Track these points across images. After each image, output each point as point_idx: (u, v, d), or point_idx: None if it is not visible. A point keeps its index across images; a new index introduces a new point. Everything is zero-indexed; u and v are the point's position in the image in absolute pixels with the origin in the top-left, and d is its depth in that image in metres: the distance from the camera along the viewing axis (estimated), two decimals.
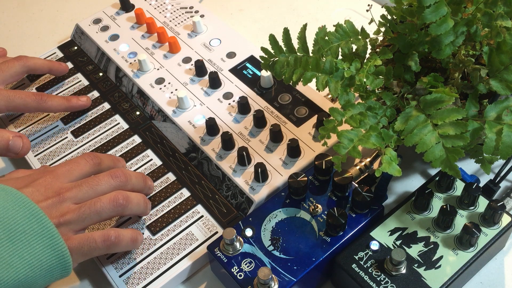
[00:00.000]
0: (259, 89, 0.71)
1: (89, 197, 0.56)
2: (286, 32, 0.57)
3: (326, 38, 0.55)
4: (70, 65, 0.80)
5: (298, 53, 0.56)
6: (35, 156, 0.70)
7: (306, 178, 0.58)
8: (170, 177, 0.66)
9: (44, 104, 0.70)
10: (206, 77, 0.74)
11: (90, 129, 0.72)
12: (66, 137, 0.72)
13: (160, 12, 0.84)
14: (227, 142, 0.65)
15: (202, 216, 0.62)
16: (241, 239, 0.56)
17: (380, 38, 0.59)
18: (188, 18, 0.83)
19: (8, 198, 0.51)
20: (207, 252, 0.57)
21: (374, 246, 0.54)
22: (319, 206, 0.58)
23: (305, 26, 0.57)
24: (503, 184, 0.63)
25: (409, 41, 0.54)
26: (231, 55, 0.76)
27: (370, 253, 0.54)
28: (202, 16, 0.82)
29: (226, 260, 0.55)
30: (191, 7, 0.84)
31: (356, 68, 0.54)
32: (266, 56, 0.57)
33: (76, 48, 0.83)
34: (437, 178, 0.59)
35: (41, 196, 0.54)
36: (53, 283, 0.61)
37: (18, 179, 0.56)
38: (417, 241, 0.55)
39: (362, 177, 0.62)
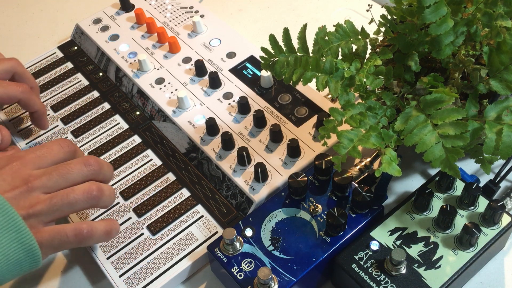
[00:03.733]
0: (259, 89, 0.71)
1: (59, 186, 0.53)
2: (286, 32, 0.57)
3: (326, 38, 0.55)
4: (70, 65, 0.81)
5: (298, 53, 0.56)
6: None
7: (306, 178, 0.58)
8: (170, 177, 0.66)
9: (30, 95, 0.65)
10: (206, 77, 0.74)
11: (90, 129, 0.72)
12: (66, 137, 0.72)
13: (160, 12, 0.84)
14: (227, 142, 0.65)
15: (202, 216, 0.62)
16: (241, 239, 0.56)
17: (380, 38, 0.59)
18: (188, 18, 0.83)
19: None
20: (207, 252, 0.57)
21: (374, 246, 0.54)
22: (319, 206, 0.58)
23: (305, 26, 0.57)
24: (503, 184, 0.63)
25: (409, 41, 0.54)
26: (231, 55, 0.76)
27: (370, 253, 0.54)
28: (202, 16, 0.82)
29: (226, 260, 0.55)
30: (191, 7, 0.84)
31: (356, 68, 0.54)
32: (266, 56, 0.57)
33: (76, 48, 0.83)
34: (437, 178, 0.59)
35: (8, 185, 0.51)
36: (51, 282, 0.61)
37: None
38: (417, 241, 0.55)
39: (362, 177, 0.62)
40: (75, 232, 0.52)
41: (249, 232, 0.56)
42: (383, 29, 0.57)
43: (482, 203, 0.56)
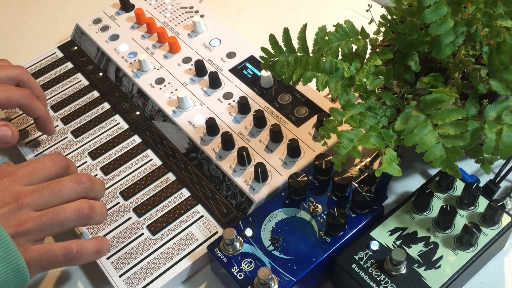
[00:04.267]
0: (259, 89, 0.71)
1: (50, 203, 0.52)
2: (286, 32, 0.57)
3: (326, 38, 0.55)
4: (70, 65, 0.80)
5: (298, 53, 0.56)
6: (35, 156, 0.70)
7: (306, 178, 0.58)
8: (170, 177, 0.66)
9: (32, 100, 0.64)
10: (206, 77, 0.74)
11: (90, 129, 0.72)
12: (66, 137, 0.72)
13: (160, 12, 0.84)
14: (227, 142, 0.65)
15: (202, 216, 0.62)
16: (241, 239, 0.56)
17: (380, 38, 0.59)
18: (188, 18, 0.83)
19: None
20: (207, 252, 0.57)
21: (374, 246, 0.54)
22: (319, 206, 0.58)
23: (305, 26, 0.57)
24: (503, 184, 0.63)
25: (409, 41, 0.54)
26: (231, 55, 0.76)
27: (370, 253, 0.54)
28: (202, 16, 0.82)
29: (226, 260, 0.55)
30: (191, 7, 0.84)
31: (356, 68, 0.54)
32: (266, 56, 0.57)
33: (76, 48, 0.83)
34: (437, 178, 0.59)
35: None
36: (51, 283, 0.61)
37: None
38: (417, 241, 0.55)
39: (362, 177, 0.62)
40: (64, 251, 0.51)
41: (249, 232, 0.56)
42: (383, 29, 0.57)
43: (482, 203, 0.56)
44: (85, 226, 0.56)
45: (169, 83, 0.74)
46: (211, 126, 0.66)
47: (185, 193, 0.64)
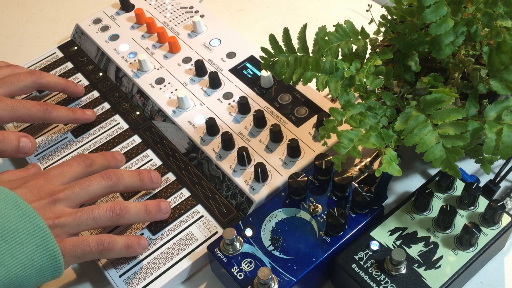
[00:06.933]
0: (259, 89, 0.71)
1: (82, 198, 0.56)
2: (286, 32, 0.57)
3: (326, 38, 0.55)
4: (70, 65, 0.81)
5: (298, 53, 0.56)
6: (35, 156, 0.70)
7: (306, 178, 0.58)
8: (170, 177, 0.66)
9: (49, 115, 0.68)
10: (206, 77, 0.74)
11: (90, 129, 0.72)
12: (66, 137, 0.72)
13: (160, 12, 0.84)
14: (227, 142, 0.65)
15: (202, 216, 0.62)
16: (241, 239, 0.56)
17: (380, 38, 0.59)
18: (188, 18, 0.83)
19: (1, 198, 0.51)
20: (207, 252, 0.57)
21: (374, 246, 0.54)
22: (319, 206, 0.58)
23: (305, 26, 0.57)
24: (503, 184, 0.63)
25: (409, 41, 0.54)
26: (231, 55, 0.76)
27: (370, 253, 0.54)
28: (202, 16, 0.82)
29: (226, 260, 0.55)
30: (191, 7, 0.84)
31: (356, 68, 0.54)
32: (266, 56, 0.57)
33: (76, 48, 0.83)
34: (437, 178, 0.59)
35: (34, 197, 0.54)
36: (53, 283, 0.61)
37: (10, 181, 0.56)
38: (417, 241, 0.55)
39: (362, 177, 0.62)
40: (97, 242, 0.55)
41: (249, 232, 0.56)
42: (383, 29, 0.57)
43: (482, 203, 0.56)
44: (119, 224, 0.60)
45: (169, 83, 0.74)
46: (211, 126, 0.66)
47: (185, 193, 0.64)
